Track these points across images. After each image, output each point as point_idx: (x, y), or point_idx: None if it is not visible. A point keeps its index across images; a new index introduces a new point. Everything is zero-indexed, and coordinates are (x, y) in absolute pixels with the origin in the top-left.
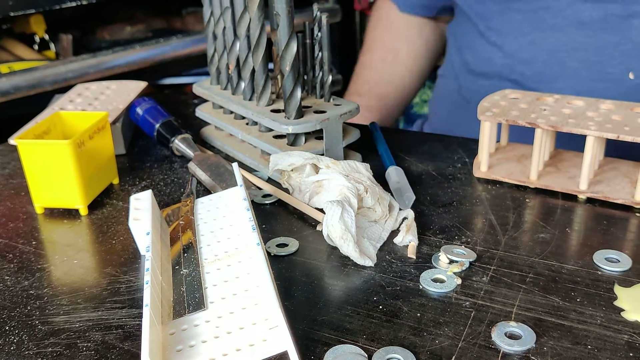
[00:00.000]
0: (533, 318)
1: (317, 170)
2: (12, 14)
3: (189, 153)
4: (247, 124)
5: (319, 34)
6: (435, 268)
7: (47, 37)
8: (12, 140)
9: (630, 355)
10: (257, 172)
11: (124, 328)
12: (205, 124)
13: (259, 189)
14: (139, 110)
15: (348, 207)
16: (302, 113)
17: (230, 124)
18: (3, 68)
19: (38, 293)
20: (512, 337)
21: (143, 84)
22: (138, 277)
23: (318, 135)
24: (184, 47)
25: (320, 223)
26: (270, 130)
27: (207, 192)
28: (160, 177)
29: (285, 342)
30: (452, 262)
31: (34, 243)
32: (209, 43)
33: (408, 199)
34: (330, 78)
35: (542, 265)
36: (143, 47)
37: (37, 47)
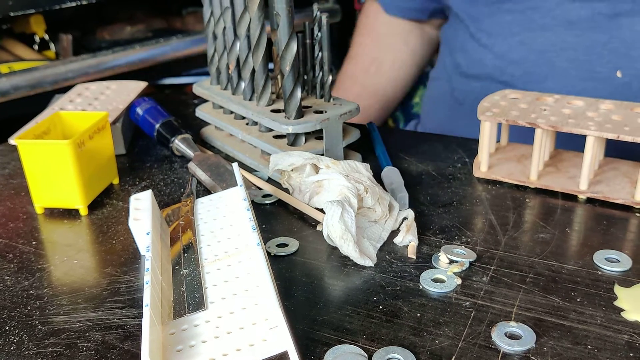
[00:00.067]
0: (533, 318)
1: (317, 170)
2: (12, 14)
3: (189, 153)
4: (247, 124)
5: (319, 34)
6: (435, 268)
7: (47, 37)
8: (12, 140)
9: (630, 355)
10: (257, 172)
11: (124, 328)
12: (205, 124)
13: (259, 189)
14: (139, 110)
15: (348, 207)
16: (302, 113)
17: (230, 124)
18: (3, 68)
19: (38, 293)
20: (512, 337)
21: (143, 84)
22: (138, 277)
23: (318, 135)
24: (184, 47)
25: (320, 223)
26: (270, 130)
27: (207, 192)
28: (160, 177)
29: (285, 342)
30: (452, 262)
31: (34, 243)
32: (209, 43)
33: (402, 199)
34: (330, 78)
35: (542, 266)
36: (143, 47)
37: (37, 47)
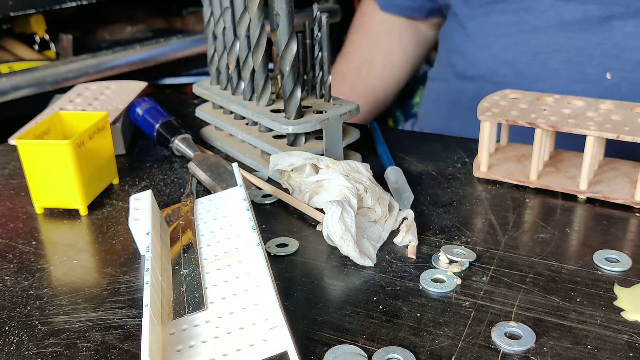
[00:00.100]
0: (533, 318)
1: (317, 171)
2: (12, 14)
3: (189, 153)
4: (247, 124)
5: (319, 34)
6: (435, 268)
7: (47, 37)
8: (12, 141)
9: (630, 355)
10: (257, 172)
11: (124, 328)
12: (205, 124)
13: (259, 189)
14: (139, 111)
15: (348, 207)
16: (302, 113)
17: (230, 124)
18: (3, 68)
19: (38, 293)
20: (512, 337)
21: (143, 84)
22: (138, 277)
23: (318, 135)
24: (184, 47)
25: (320, 223)
26: (270, 131)
27: (207, 192)
28: (160, 177)
29: (285, 342)
30: (452, 262)
31: (34, 243)
32: (209, 43)
33: (407, 199)
34: (330, 78)
35: (542, 265)
36: (143, 47)
37: (37, 47)
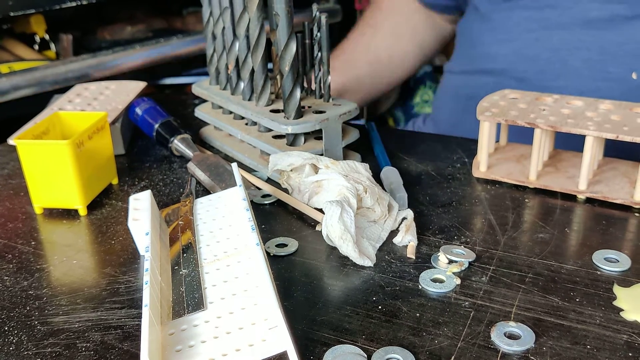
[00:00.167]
0: (532, 318)
1: (316, 171)
2: (12, 14)
3: (188, 153)
4: (246, 124)
5: (319, 34)
6: (435, 268)
7: (47, 37)
8: (11, 141)
9: (630, 355)
10: (256, 172)
11: (123, 328)
12: (205, 124)
13: (258, 189)
14: (138, 111)
15: (347, 207)
16: (301, 113)
17: (230, 124)
18: (3, 68)
19: (37, 293)
20: (511, 337)
21: (142, 84)
22: (137, 277)
23: (317, 136)
24: (184, 47)
25: (320, 223)
26: (270, 131)
27: (206, 192)
28: (160, 177)
29: (285, 342)
30: (451, 262)
31: (33, 243)
32: (208, 43)
33: (401, 199)
34: (330, 78)
35: (541, 265)
36: (143, 47)
37: (37, 47)
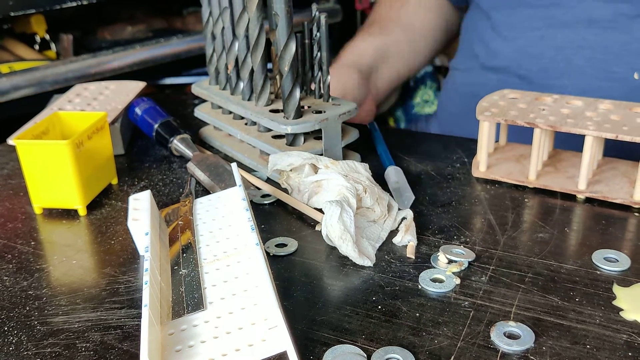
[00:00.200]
0: (532, 318)
1: (316, 170)
2: (12, 14)
3: (188, 153)
4: (246, 124)
5: (318, 34)
6: (434, 268)
7: (47, 37)
8: (10, 141)
9: (629, 355)
10: (256, 172)
11: (123, 328)
12: (204, 124)
13: (258, 189)
14: (138, 111)
15: (347, 207)
16: (301, 113)
17: (229, 124)
18: (3, 68)
19: (37, 293)
20: (511, 336)
21: (142, 84)
22: (137, 277)
23: (317, 135)
24: (184, 47)
25: (319, 223)
26: (269, 130)
27: (206, 192)
28: (159, 177)
29: (285, 342)
30: (451, 262)
31: (33, 243)
32: (208, 43)
33: (407, 199)
34: (329, 78)
35: (541, 265)
36: (143, 47)
37: (37, 47)
